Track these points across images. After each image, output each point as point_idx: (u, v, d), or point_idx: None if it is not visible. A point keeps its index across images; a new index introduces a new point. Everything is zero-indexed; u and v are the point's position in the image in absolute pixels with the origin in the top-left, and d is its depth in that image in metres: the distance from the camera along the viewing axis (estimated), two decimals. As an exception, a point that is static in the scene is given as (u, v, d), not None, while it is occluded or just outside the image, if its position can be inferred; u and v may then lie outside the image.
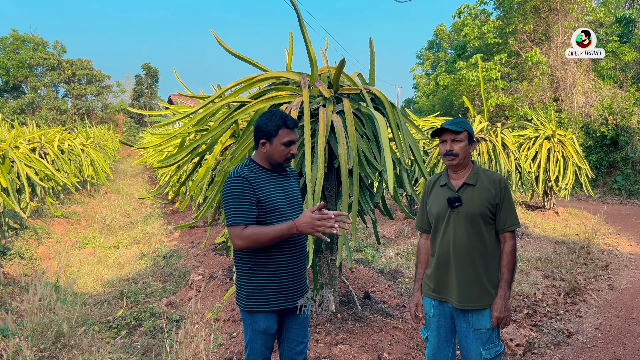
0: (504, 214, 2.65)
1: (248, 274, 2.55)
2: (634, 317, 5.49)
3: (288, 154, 2.56)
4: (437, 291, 2.76)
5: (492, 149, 9.34)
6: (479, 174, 2.71)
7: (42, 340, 4.29)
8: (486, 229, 2.65)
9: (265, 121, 2.56)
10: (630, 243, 9.73)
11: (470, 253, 2.64)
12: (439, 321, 2.78)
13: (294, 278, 2.58)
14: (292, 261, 2.57)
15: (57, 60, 41.17)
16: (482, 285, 2.63)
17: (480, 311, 2.64)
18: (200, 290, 6.19)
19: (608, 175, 18.86)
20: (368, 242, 9.38)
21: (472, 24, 24.78)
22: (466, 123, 2.71)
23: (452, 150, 2.67)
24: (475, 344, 2.64)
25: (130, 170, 26.70)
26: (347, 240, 4.12)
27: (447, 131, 2.68)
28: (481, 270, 2.64)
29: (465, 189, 2.68)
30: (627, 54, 20.26)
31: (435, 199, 2.80)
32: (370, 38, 4.25)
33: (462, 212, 2.65)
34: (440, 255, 2.73)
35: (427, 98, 34.14)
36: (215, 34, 4.40)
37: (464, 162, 2.70)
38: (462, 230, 2.65)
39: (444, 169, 2.85)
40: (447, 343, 2.79)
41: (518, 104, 21.62)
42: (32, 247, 8.83)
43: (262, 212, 2.50)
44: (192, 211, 12.14)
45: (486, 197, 2.63)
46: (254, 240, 2.42)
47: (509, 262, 2.65)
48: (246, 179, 2.49)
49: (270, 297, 2.53)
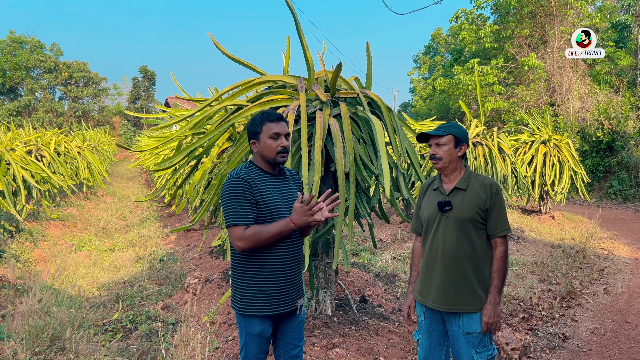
0: (494, 219, 2.66)
1: (243, 277, 2.55)
2: (629, 321, 5.51)
3: (278, 146, 2.52)
4: (421, 295, 2.79)
5: (489, 153, 9.38)
6: (470, 179, 2.72)
7: (37, 344, 4.27)
8: (476, 233, 2.66)
9: (251, 122, 2.60)
10: (625, 247, 9.76)
11: (458, 257, 2.65)
12: (430, 324, 2.79)
13: (289, 282, 2.57)
14: (288, 265, 2.56)
15: (54, 63, 41.07)
16: (471, 289, 2.64)
17: (470, 315, 2.64)
18: (197, 293, 6.18)
19: (604, 180, 18.93)
20: (364, 245, 9.39)
21: (469, 29, 24.88)
22: (453, 127, 2.74)
23: (435, 154, 2.72)
24: (466, 348, 2.65)
25: (127, 173, 26.64)
26: (344, 244, 4.12)
27: (431, 136, 2.74)
28: (471, 275, 2.64)
29: (456, 194, 2.70)
30: (623, 59, 20.40)
31: (428, 202, 2.83)
32: (367, 42, 4.26)
33: (452, 217, 2.67)
34: (428, 259, 2.76)
35: (424, 102, 34.25)
36: (213, 37, 4.41)
37: (450, 166, 2.73)
38: (452, 234, 2.66)
39: (438, 173, 2.87)
40: (440, 346, 2.79)
41: (514, 109, 21.70)
42: (27, 249, 8.79)
43: (260, 214, 2.50)
44: (188, 214, 12.13)
45: (476, 202, 2.64)
46: (255, 240, 2.42)
47: (499, 268, 2.66)
48: (245, 180, 2.49)
49: (264, 301, 2.52)
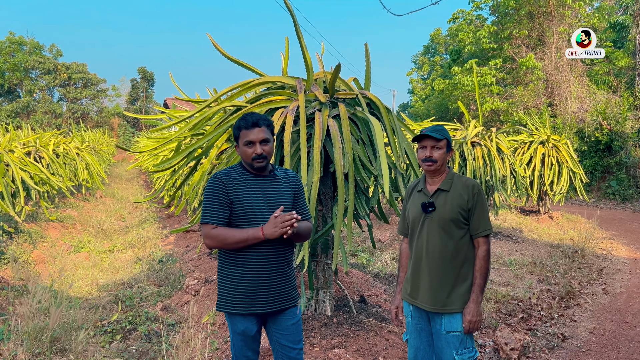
0: (476, 219, 2.69)
1: (222, 274, 2.59)
2: (628, 321, 5.52)
3: (253, 153, 2.52)
4: (411, 295, 2.81)
5: (487, 154, 9.39)
6: (453, 180, 2.76)
7: (37, 345, 4.27)
8: (459, 233, 2.69)
9: (234, 126, 2.60)
10: (624, 247, 9.78)
11: (442, 257, 2.68)
12: (417, 324, 2.81)
13: (265, 285, 2.54)
14: (265, 268, 2.53)
15: (52, 64, 41.07)
16: (453, 289, 2.67)
17: (452, 314, 2.67)
18: (196, 294, 6.18)
19: (602, 180, 18.97)
20: (363, 246, 9.40)
21: (468, 29, 24.91)
22: (446, 131, 2.78)
23: (431, 156, 2.72)
24: (447, 348, 2.67)
25: (126, 174, 26.62)
26: (343, 245, 4.13)
27: (428, 137, 2.74)
28: (453, 275, 2.67)
29: (439, 195, 2.74)
30: (621, 59, 20.44)
31: (412, 204, 2.86)
32: (365, 43, 4.27)
33: (435, 217, 2.70)
34: (415, 260, 2.79)
35: (423, 102, 34.29)
36: (212, 38, 4.42)
37: (441, 169, 2.76)
38: (435, 235, 2.70)
39: (422, 174, 2.90)
40: (430, 347, 2.80)
41: (513, 109, 21.74)
42: (26, 251, 8.78)
43: (234, 213, 2.51)
44: (187, 215, 12.12)
45: (458, 203, 2.67)
46: (219, 241, 2.46)
47: (481, 267, 2.68)
48: (220, 179, 2.53)
49: (238, 299, 2.53)
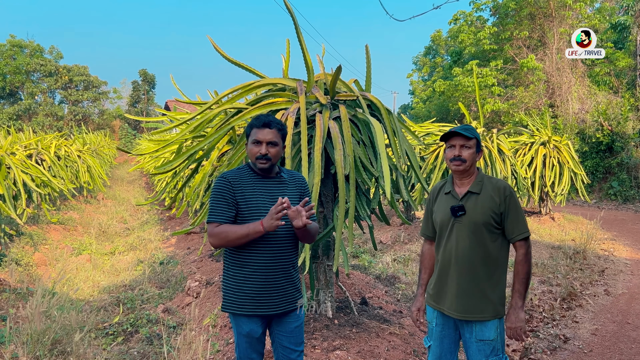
0: (510, 223, 2.57)
1: (227, 275, 2.60)
2: (630, 322, 5.51)
3: (257, 153, 2.55)
4: (436, 301, 2.71)
5: (488, 155, 9.40)
6: (483, 182, 2.64)
7: (38, 347, 4.27)
8: (490, 238, 2.57)
9: (247, 124, 2.64)
10: (626, 248, 9.76)
11: (472, 263, 2.57)
12: (442, 331, 2.72)
13: (270, 286, 2.54)
14: (269, 269, 2.54)
15: (53, 67, 41.14)
16: (484, 296, 2.57)
17: (483, 322, 2.57)
18: (197, 296, 6.18)
19: (604, 181, 18.94)
20: (365, 247, 9.39)
21: (468, 31, 24.91)
22: (476, 131, 2.67)
23: (460, 155, 2.61)
24: (478, 356, 2.59)
25: (127, 176, 26.65)
26: (344, 246, 4.13)
27: (457, 136, 2.62)
28: (484, 281, 2.57)
29: (469, 198, 2.62)
30: (622, 60, 20.42)
31: (440, 206, 2.74)
32: (366, 45, 4.27)
33: (466, 221, 2.59)
34: (443, 264, 2.68)
35: (424, 104, 34.24)
36: (213, 40, 4.42)
37: (470, 170, 2.65)
38: (465, 239, 2.59)
39: (449, 176, 2.79)
40: (451, 355, 2.73)
41: (514, 110, 21.72)
42: (28, 253, 8.79)
43: (240, 213, 2.53)
44: (188, 217, 12.13)
45: (490, 206, 2.56)
46: (222, 238, 2.46)
47: (518, 272, 2.58)
48: (227, 179, 2.55)
49: (242, 300, 2.53)
